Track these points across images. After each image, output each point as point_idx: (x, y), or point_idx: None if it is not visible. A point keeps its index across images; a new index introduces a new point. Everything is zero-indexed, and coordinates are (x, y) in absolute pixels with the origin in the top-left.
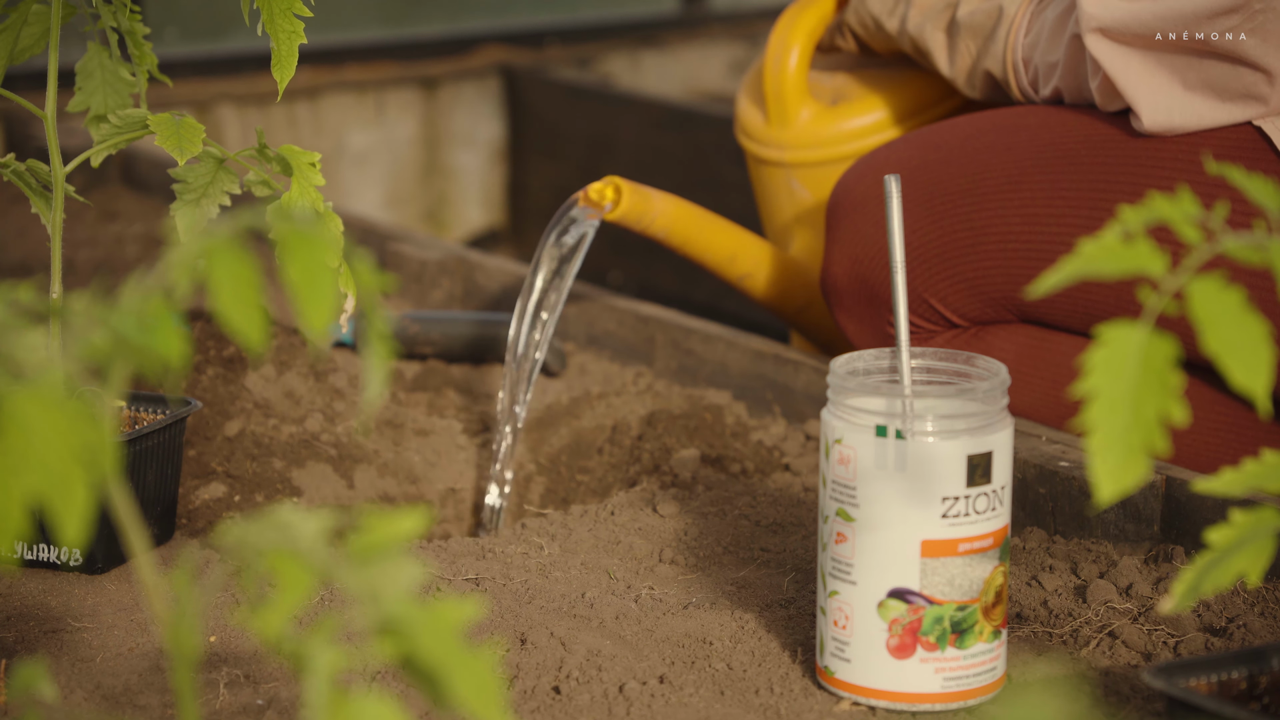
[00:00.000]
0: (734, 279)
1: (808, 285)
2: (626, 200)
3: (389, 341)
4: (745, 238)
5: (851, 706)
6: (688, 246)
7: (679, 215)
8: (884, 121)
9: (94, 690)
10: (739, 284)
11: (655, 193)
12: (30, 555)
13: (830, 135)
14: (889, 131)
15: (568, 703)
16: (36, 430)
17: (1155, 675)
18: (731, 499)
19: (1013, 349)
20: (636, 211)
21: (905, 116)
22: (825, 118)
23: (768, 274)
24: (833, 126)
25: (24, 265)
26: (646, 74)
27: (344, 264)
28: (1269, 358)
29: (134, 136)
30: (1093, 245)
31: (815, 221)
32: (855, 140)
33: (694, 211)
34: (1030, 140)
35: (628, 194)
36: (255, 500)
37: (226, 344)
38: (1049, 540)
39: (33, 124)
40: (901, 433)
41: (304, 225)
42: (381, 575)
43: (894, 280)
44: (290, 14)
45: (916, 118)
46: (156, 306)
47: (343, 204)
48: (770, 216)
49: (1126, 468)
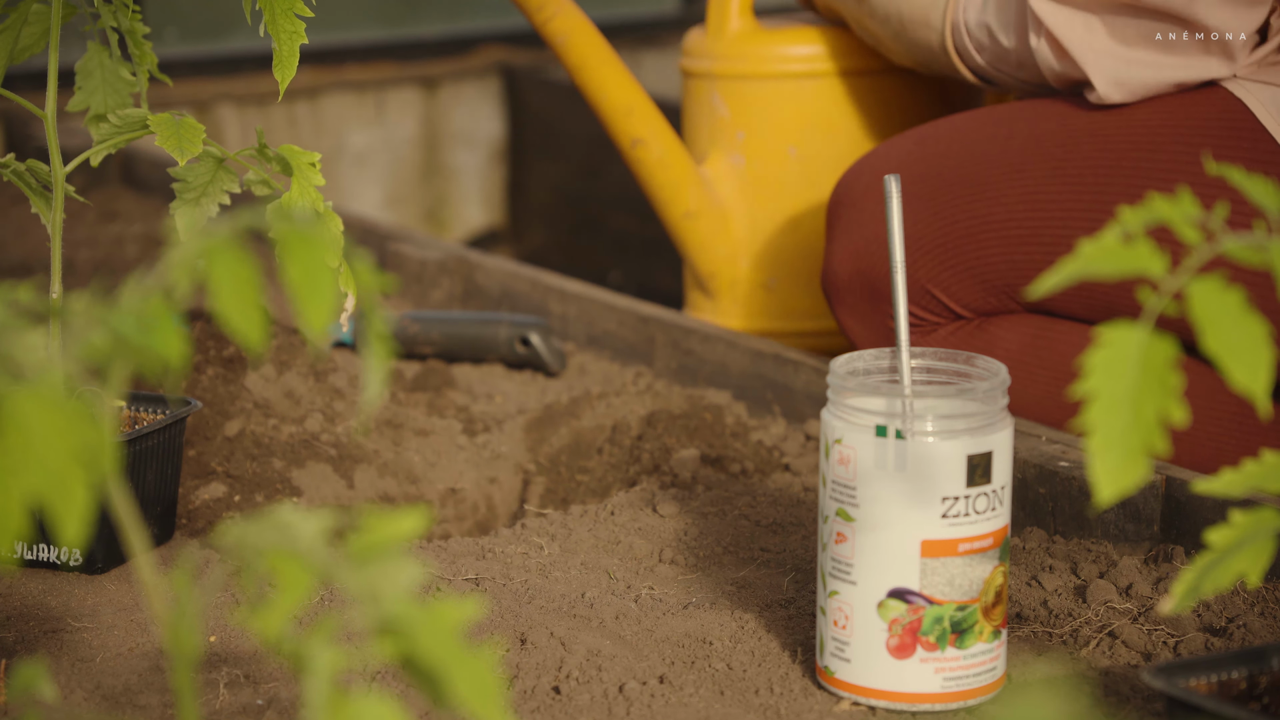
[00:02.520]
0: (626, 142)
1: (704, 195)
2: None
3: (389, 341)
4: (646, 100)
5: (851, 706)
6: (583, 73)
7: (579, 29)
8: (815, 56)
9: (94, 690)
10: (631, 151)
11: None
12: (30, 555)
13: (758, 52)
14: (818, 66)
15: (568, 703)
16: (36, 430)
17: (1155, 675)
18: (731, 499)
19: (1016, 340)
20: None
21: (840, 63)
22: (758, 35)
23: (662, 153)
24: (762, 44)
25: (24, 265)
26: (646, 74)
27: (344, 264)
28: (1269, 358)
29: (134, 136)
30: (1092, 246)
31: (727, 140)
32: (781, 64)
33: (598, 39)
34: (1029, 130)
35: None
36: (255, 500)
37: (226, 344)
38: (1049, 540)
39: (33, 124)
40: (901, 433)
41: (304, 225)
42: (381, 575)
43: (894, 280)
44: (291, 14)
45: (852, 75)
46: (156, 306)
47: (343, 204)
48: (689, 135)
49: (1126, 468)
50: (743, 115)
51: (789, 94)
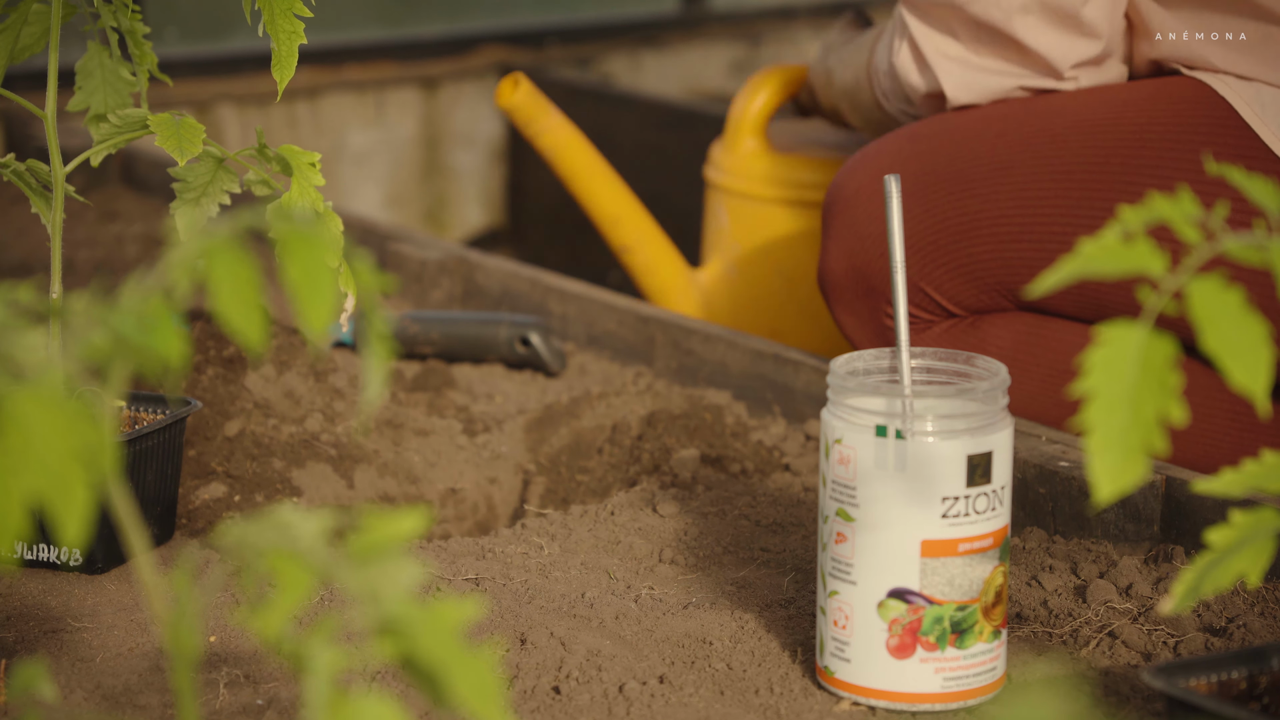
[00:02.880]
0: (617, 249)
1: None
2: (522, 92)
3: (389, 341)
4: (636, 208)
5: (851, 706)
6: (574, 183)
7: (570, 144)
8: (808, 184)
9: (94, 690)
10: (621, 257)
11: (556, 112)
12: (30, 555)
13: (762, 173)
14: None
15: (568, 703)
16: (36, 430)
17: (1155, 675)
18: (731, 499)
19: (1010, 337)
20: (527, 112)
21: None
22: (762, 158)
23: (648, 259)
24: (764, 167)
25: (24, 265)
26: (646, 74)
27: (344, 264)
28: (1268, 358)
29: (134, 136)
30: (1092, 245)
31: (725, 249)
32: (778, 188)
33: (588, 152)
34: (1018, 127)
35: (524, 89)
36: (255, 500)
37: (226, 344)
38: (1049, 540)
39: (33, 124)
40: (901, 433)
41: (304, 225)
42: (381, 575)
43: (894, 280)
44: (291, 14)
45: None
46: (156, 306)
47: (343, 204)
48: (705, 236)
49: (1125, 468)
50: (739, 229)
51: (781, 217)
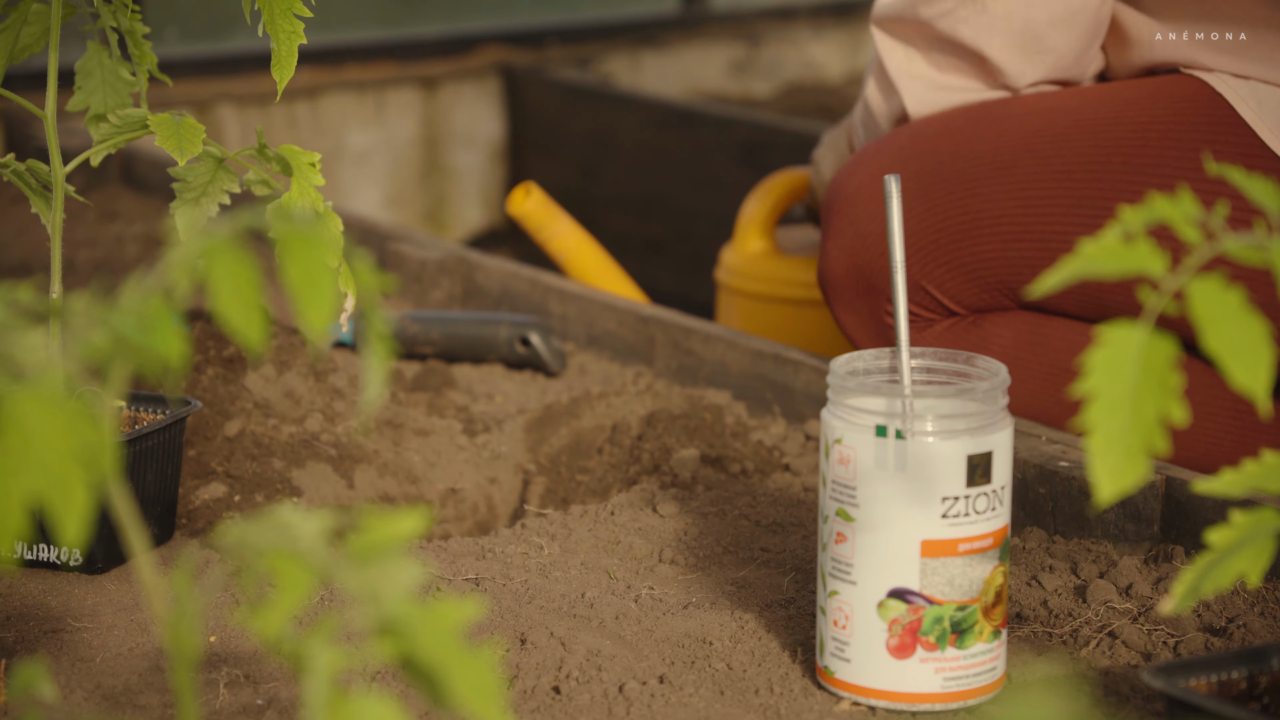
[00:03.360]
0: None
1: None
2: (534, 201)
3: (389, 341)
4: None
5: (851, 706)
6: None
7: (580, 249)
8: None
9: (94, 690)
10: None
11: (566, 219)
12: (30, 555)
13: (763, 274)
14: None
15: (568, 703)
16: (36, 430)
17: (1155, 675)
18: (731, 499)
19: (1011, 336)
20: (537, 219)
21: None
22: (768, 258)
23: None
24: (768, 268)
25: (24, 265)
26: (646, 74)
27: (344, 264)
28: (1269, 357)
29: (134, 136)
30: (1093, 245)
31: None
32: (780, 287)
33: (596, 254)
34: (1019, 126)
35: (535, 198)
36: (255, 500)
37: (226, 344)
38: (1049, 540)
39: (33, 124)
40: (901, 433)
41: (304, 225)
42: (381, 575)
43: (894, 280)
44: (290, 14)
45: None
46: (156, 306)
47: (343, 204)
48: None
49: (1126, 468)
50: (746, 326)
51: (782, 315)
